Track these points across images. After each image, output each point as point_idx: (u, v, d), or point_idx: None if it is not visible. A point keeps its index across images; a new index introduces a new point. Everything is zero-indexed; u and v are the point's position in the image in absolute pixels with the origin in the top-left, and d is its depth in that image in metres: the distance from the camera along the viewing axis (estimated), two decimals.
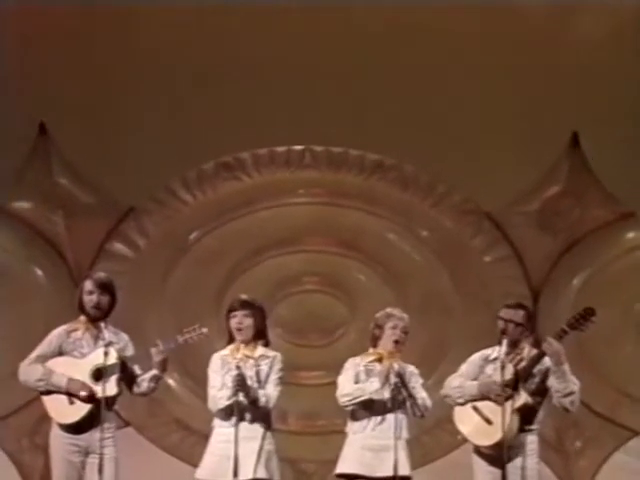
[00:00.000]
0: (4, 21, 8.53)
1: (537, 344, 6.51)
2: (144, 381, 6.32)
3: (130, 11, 8.62)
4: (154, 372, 6.30)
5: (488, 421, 6.29)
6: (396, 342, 6.49)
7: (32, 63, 8.71)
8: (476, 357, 6.60)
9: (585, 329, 6.25)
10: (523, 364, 6.36)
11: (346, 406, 6.48)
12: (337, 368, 6.67)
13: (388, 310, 6.62)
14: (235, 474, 6.08)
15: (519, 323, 6.43)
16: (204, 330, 6.33)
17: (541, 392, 6.41)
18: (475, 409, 6.38)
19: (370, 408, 6.42)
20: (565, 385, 6.30)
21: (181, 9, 8.64)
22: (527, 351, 6.46)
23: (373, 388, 6.40)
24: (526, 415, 6.34)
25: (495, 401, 6.28)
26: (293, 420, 6.26)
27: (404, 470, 6.33)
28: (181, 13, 8.65)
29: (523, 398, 6.30)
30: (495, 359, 6.44)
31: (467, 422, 6.40)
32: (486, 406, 6.34)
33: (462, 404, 6.44)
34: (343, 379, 6.53)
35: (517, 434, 6.29)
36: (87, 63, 8.75)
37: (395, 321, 6.52)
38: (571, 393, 6.32)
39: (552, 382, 6.34)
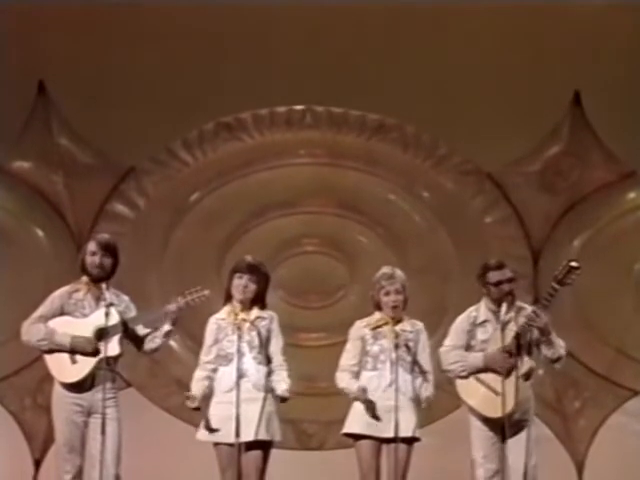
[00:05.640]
0: None
1: (536, 302, 6.53)
2: (156, 337, 6.37)
3: None
4: (168, 327, 6.33)
5: (495, 392, 6.26)
6: (394, 307, 6.43)
7: (31, 21, 8.66)
8: (462, 323, 6.50)
9: (572, 282, 6.23)
10: (516, 323, 6.35)
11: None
12: (338, 329, 6.67)
13: (377, 275, 6.48)
14: (237, 435, 6.10)
15: (512, 278, 6.42)
16: (206, 292, 6.35)
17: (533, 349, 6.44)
18: (479, 380, 6.35)
19: (379, 369, 6.37)
20: (553, 351, 6.36)
21: None
22: (516, 308, 6.43)
23: (354, 388, 6.33)
24: (529, 378, 6.37)
25: (500, 373, 6.25)
26: (294, 381, 6.26)
27: (410, 431, 6.30)
28: None
29: (527, 364, 6.32)
30: (484, 322, 6.43)
31: (474, 394, 6.34)
32: (489, 376, 6.32)
33: (465, 377, 6.39)
34: (345, 356, 6.46)
35: (523, 400, 6.28)
36: (87, 21, 8.70)
37: (386, 287, 6.41)
38: (559, 358, 6.40)
39: (541, 349, 6.37)
